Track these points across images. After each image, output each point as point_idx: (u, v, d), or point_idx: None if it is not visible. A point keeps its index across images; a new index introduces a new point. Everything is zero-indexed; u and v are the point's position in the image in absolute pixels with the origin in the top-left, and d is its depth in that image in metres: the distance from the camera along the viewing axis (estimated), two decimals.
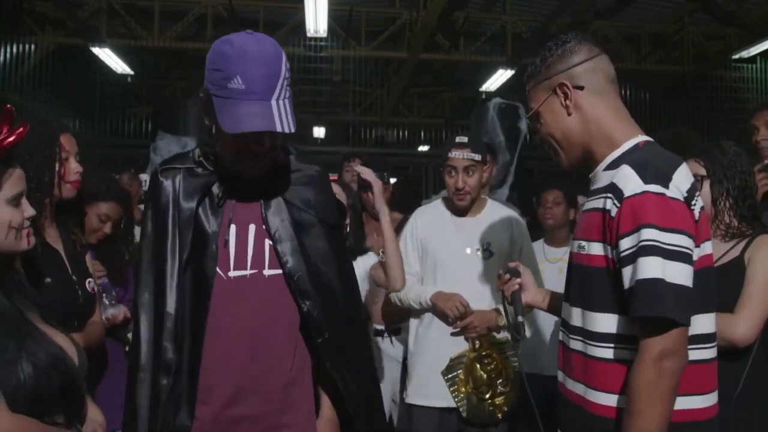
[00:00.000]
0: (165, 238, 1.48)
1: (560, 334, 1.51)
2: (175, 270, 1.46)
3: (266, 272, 1.51)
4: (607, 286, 1.33)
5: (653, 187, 1.26)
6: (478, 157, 2.54)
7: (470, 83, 10.41)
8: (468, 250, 2.57)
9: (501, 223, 2.63)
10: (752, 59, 8.87)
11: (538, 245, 3.30)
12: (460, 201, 2.58)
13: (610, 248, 1.32)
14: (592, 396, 1.35)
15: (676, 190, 1.27)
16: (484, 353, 2.39)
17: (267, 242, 1.52)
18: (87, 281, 2.00)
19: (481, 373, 2.31)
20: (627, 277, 1.26)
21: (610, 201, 1.31)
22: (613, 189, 1.31)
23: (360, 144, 11.74)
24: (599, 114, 1.42)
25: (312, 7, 6.44)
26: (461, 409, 2.41)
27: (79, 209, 2.16)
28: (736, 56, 8.39)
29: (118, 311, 2.22)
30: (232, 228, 1.51)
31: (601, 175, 1.42)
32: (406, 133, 12.56)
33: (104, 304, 2.21)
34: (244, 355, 1.49)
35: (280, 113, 1.35)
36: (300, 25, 7.20)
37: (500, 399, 2.37)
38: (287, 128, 1.34)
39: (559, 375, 1.50)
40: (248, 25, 7.92)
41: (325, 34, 7.36)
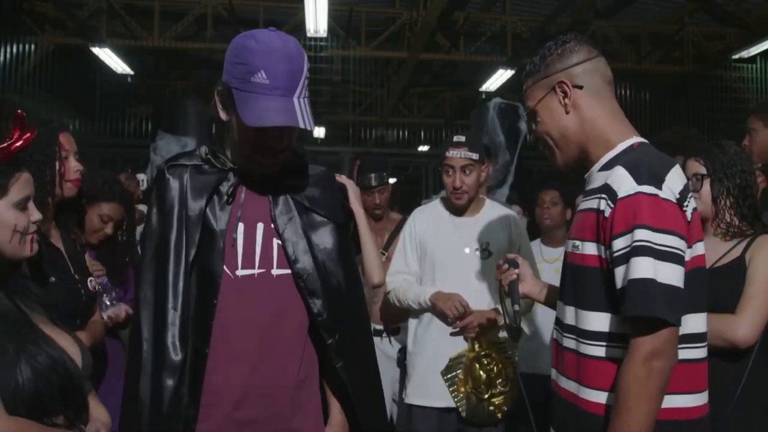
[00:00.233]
0: (170, 236, 1.44)
1: (554, 333, 1.52)
2: (180, 269, 1.42)
3: (274, 272, 1.48)
4: (600, 286, 1.34)
5: (646, 189, 1.27)
6: (475, 156, 2.54)
7: (470, 83, 10.41)
8: (467, 250, 2.57)
9: (499, 222, 2.63)
10: (752, 59, 8.87)
11: (535, 245, 3.29)
12: (457, 200, 2.58)
13: (603, 248, 1.33)
14: (585, 393, 1.36)
15: (668, 191, 1.29)
16: (483, 353, 2.39)
17: (275, 241, 1.50)
18: (88, 280, 2.01)
19: (481, 372, 2.30)
20: (619, 277, 1.27)
21: (603, 201, 1.32)
22: (606, 190, 1.32)
23: (360, 144, 11.74)
24: (596, 114, 1.43)
25: (312, 7, 6.44)
26: (461, 409, 2.41)
27: (78, 209, 2.16)
28: (736, 56, 8.39)
29: (119, 309, 2.22)
30: (240, 226, 1.48)
31: (596, 175, 1.43)
32: (406, 133, 12.56)
33: (104, 304, 2.21)
34: (252, 356, 1.45)
35: (302, 111, 1.35)
36: (300, 25, 7.19)
37: (500, 399, 2.37)
38: (308, 125, 1.34)
39: (552, 373, 1.51)
40: (248, 25, 7.92)
41: (325, 34, 7.36)
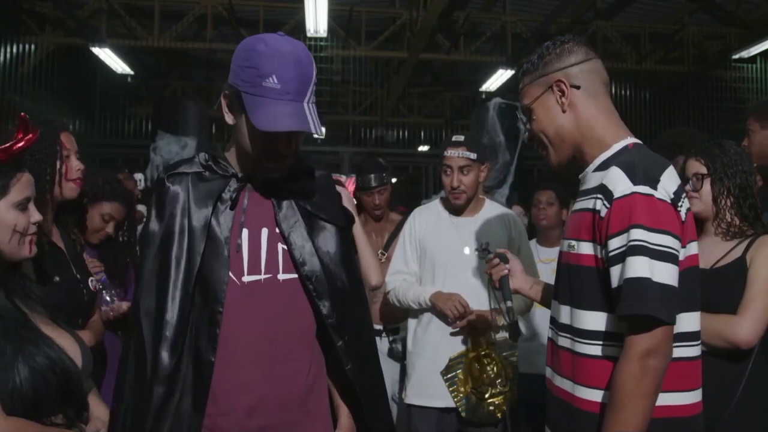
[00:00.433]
0: (170, 246, 1.42)
1: (549, 331, 1.53)
2: (180, 279, 1.40)
3: (281, 276, 1.47)
4: (595, 285, 1.35)
5: (642, 189, 1.28)
6: (473, 156, 2.54)
7: (470, 83, 10.41)
8: (466, 250, 2.57)
9: (499, 223, 2.63)
10: (752, 59, 8.86)
11: (531, 246, 3.29)
12: (455, 200, 2.58)
13: (599, 248, 1.34)
14: (580, 392, 1.37)
15: (663, 191, 1.30)
16: (483, 353, 2.39)
17: (281, 246, 1.48)
18: (89, 280, 2.01)
19: (481, 372, 2.30)
20: (615, 276, 1.28)
21: (599, 201, 1.33)
22: (602, 190, 1.33)
23: (360, 144, 11.75)
24: (592, 114, 1.44)
25: (312, 7, 6.44)
26: (460, 409, 2.41)
27: (79, 209, 2.16)
28: (736, 56, 8.39)
29: (121, 304, 2.21)
30: (245, 232, 1.47)
31: (590, 176, 1.44)
32: (406, 133, 12.55)
33: (105, 300, 2.21)
34: (263, 363, 1.44)
35: (311, 116, 1.35)
36: (300, 25, 7.19)
37: (500, 399, 2.37)
38: (319, 131, 1.34)
39: (547, 371, 1.52)
40: (248, 25, 7.93)
41: (325, 34, 7.36)
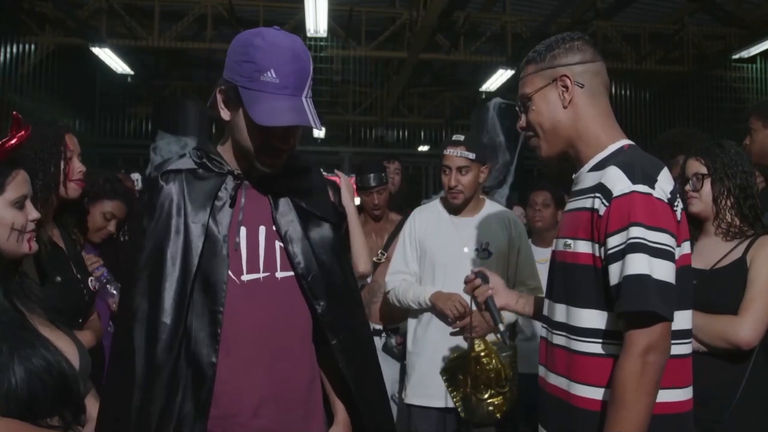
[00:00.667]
0: (165, 245, 1.39)
1: (542, 331, 1.54)
2: (175, 279, 1.37)
3: (278, 274, 1.47)
4: (592, 283, 1.36)
5: (641, 188, 1.30)
6: (471, 155, 2.54)
7: (470, 83, 10.40)
8: (466, 250, 2.57)
9: (499, 223, 2.63)
10: (752, 59, 8.85)
11: None
12: (453, 199, 2.58)
13: (597, 246, 1.35)
14: (575, 389, 1.38)
15: (661, 191, 1.32)
16: (483, 353, 2.39)
17: (278, 244, 1.48)
18: (89, 280, 2.02)
19: (480, 373, 2.29)
20: (614, 274, 1.29)
21: (598, 200, 1.34)
22: (601, 189, 1.34)
23: (360, 144, 11.74)
24: (591, 114, 1.45)
25: (312, 7, 6.43)
26: (459, 409, 2.40)
27: (79, 209, 2.17)
28: (736, 56, 8.38)
29: None
30: (242, 230, 1.45)
31: (585, 176, 1.45)
32: (406, 133, 12.54)
33: (111, 294, 2.20)
34: (265, 363, 1.43)
35: (310, 110, 1.34)
36: (300, 25, 7.18)
37: (499, 399, 2.36)
38: (318, 125, 1.34)
39: (541, 370, 1.52)
40: (248, 25, 7.92)
41: (325, 34, 7.35)
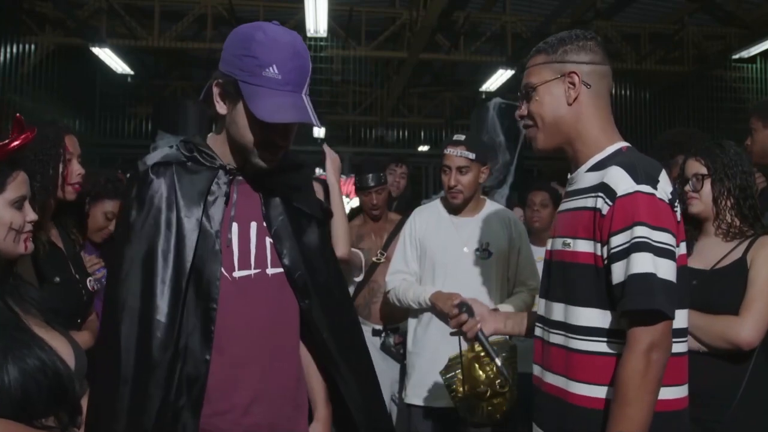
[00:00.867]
0: (156, 240, 1.36)
1: (537, 330, 1.54)
2: (168, 275, 1.34)
3: (269, 271, 1.46)
4: (591, 282, 1.37)
5: (644, 188, 1.31)
6: (472, 155, 2.54)
7: (470, 83, 10.40)
8: (466, 250, 2.57)
9: (499, 223, 2.63)
10: (752, 59, 8.85)
11: None
12: (452, 199, 2.58)
13: (599, 245, 1.35)
14: (574, 388, 1.38)
15: (662, 192, 1.33)
16: (482, 353, 2.38)
17: (268, 240, 1.47)
18: (88, 280, 2.01)
19: (480, 373, 2.28)
20: (618, 272, 1.30)
21: (601, 200, 1.34)
22: (604, 188, 1.34)
23: (360, 144, 11.74)
24: (593, 115, 1.46)
25: (312, 7, 6.43)
26: (459, 409, 2.40)
27: (78, 209, 2.17)
28: (736, 56, 8.38)
29: None
30: (234, 226, 1.44)
31: (583, 176, 1.45)
32: (406, 133, 12.55)
33: None
34: (258, 360, 1.42)
35: (310, 107, 1.34)
36: (300, 25, 7.18)
37: (499, 399, 2.36)
38: (317, 122, 1.34)
39: (536, 369, 1.52)
40: None
41: (325, 34, 7.35)
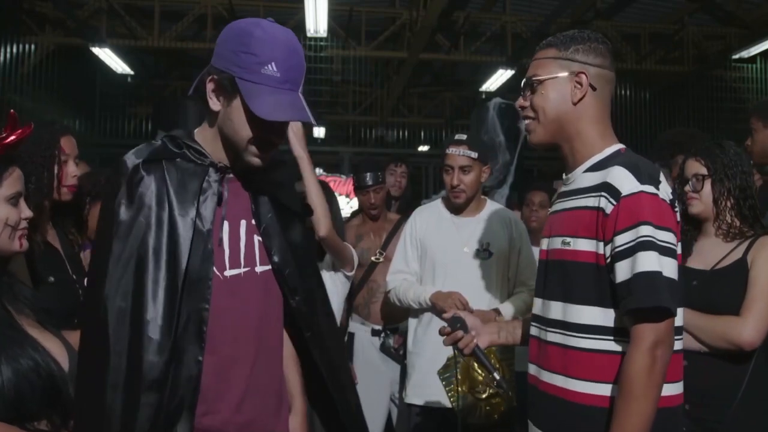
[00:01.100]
0: (147, 239, 1.31)
1: (532, 329, 1.54)
2: (161, 275, 1.29)
3: (258, 269, 1.46)
4: (591, 280, 1.38)
5: (648, 188, 1.32)
6: (474, 154, 2.54)
7: (470, 83, 10.40)
8: (466, 250, 2.57)
9: (500, 223, 2.62)
10: (752, 59, 8.86)
11: None
12: (455, 198, 2.58)
13: (602, 244, 1.36)
14: (573, 385, 1.38)
15: (664, 192, 1.35)
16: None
17: (256, 238, 1.46)
18: (85, 280, 2.00)
19: (478, 373, 2.29)
20: (623, 270, 1.30)
21: (604, 199, 1.35)
22: (607, 188, 1.35)
23: (360, 144, 11.74)
24: (594, 117, 1.47)
25: (312, 7, 6.43)
26: (455, 408, 2.39)
27: (76, 209, 2.16)
28: (736, 56, 8.38)
29: None
30: (225, 225, 1.42)
31: (581, 176, 1.46)
32: (406, 133, 12.55)
33: None
34: (248, 358, 1.43)
35: (306, 106, 1.33)
36: (300, 25, 7.18)
37: (497, 399, 2.36)
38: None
39: (531, 368, 1.52)
40: None
41: (325, 34, 7.35)
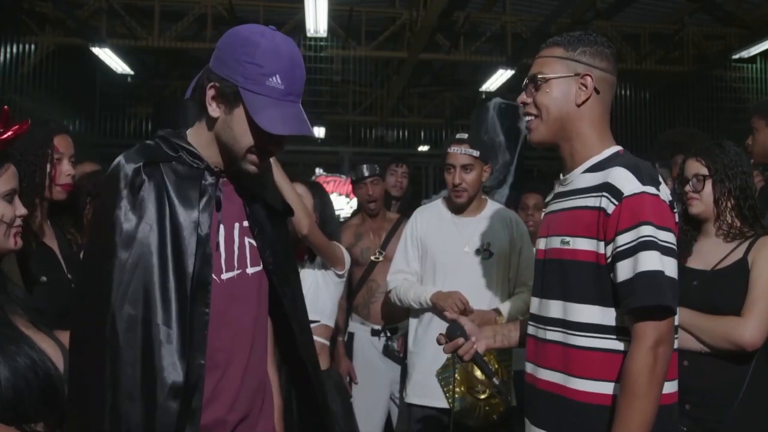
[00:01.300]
0: (151, 245, 1.29)
1: (530, 328, 1.55)
2: (169, 280, 1.29)
3: (249, 270, 1.48)
4: (591, 279, 1.39)
5: (649, 189, 1.34)
6: (476, 153, 2.54)
7: (470, 83, 10.39)
8: (467, 250, 2.57)
9: (501, 223, 2.62)
10: (752, 59, 8.84)
11: None
12: (457, 198, 2.58)
13: (602, 244, 1.37)
14: (573, 383, 1.39)
15: (664, 193, 1.37)
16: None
17: (247, 240, 1.48)
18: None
19: (478, 373, 2.28)
20: (625, 270, 1.32)
21: (605, 200, 1.36)
22: (608, 188, 1.37)
23: (360, 144, 11.73)
24: (595, 120, 1.48)
25: (312, 7, 6.42)
26: (453, 408, 2.39)
27: (75, 209, 2.16)
28: (736, 56, 8.37)
29: None
30: (221, 228, 1.42)
31: (580, 177, 1.47)
32: (406, 133, 12.53)
33: None
34: (242, 359, 1.45)
35: (306, 118, 1.34)
36: (300, 25, 7.18)
37: (496, 400, 2.36)
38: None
39: (529, 367, 1.53)
40: None
41: (325, 34, 7.34)
